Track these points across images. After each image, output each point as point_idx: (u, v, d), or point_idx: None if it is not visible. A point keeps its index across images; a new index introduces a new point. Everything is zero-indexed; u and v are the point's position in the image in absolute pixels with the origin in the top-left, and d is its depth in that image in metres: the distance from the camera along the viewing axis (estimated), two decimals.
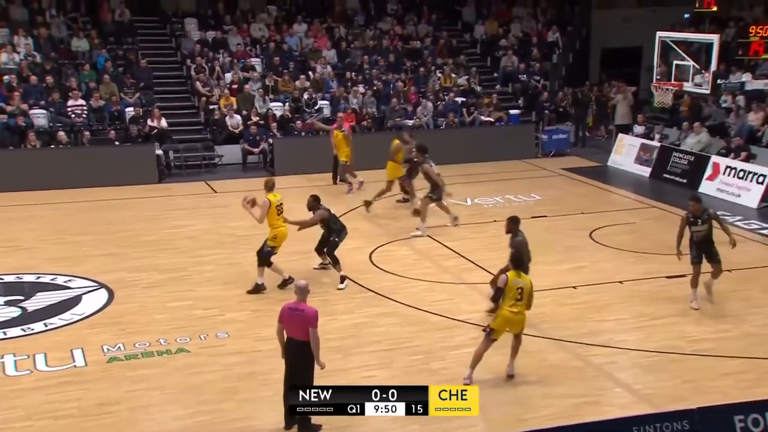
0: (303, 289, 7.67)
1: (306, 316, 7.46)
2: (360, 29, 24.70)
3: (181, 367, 9.10)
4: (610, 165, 20.45)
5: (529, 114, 23.21)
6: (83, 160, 18.18)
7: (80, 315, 10.63)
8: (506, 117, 22.31)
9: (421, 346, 9.63)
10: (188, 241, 13.95)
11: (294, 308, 7.55)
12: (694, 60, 14.56)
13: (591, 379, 8.90)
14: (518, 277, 8.73)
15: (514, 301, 8.63)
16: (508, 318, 8.65)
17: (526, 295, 8.67)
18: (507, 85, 24.37)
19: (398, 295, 11.31)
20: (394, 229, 14.72)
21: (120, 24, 22.73)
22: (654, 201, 16.76)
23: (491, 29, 25.93)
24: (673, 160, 18.76)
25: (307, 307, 7.53)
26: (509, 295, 8.64)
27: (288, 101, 21.36)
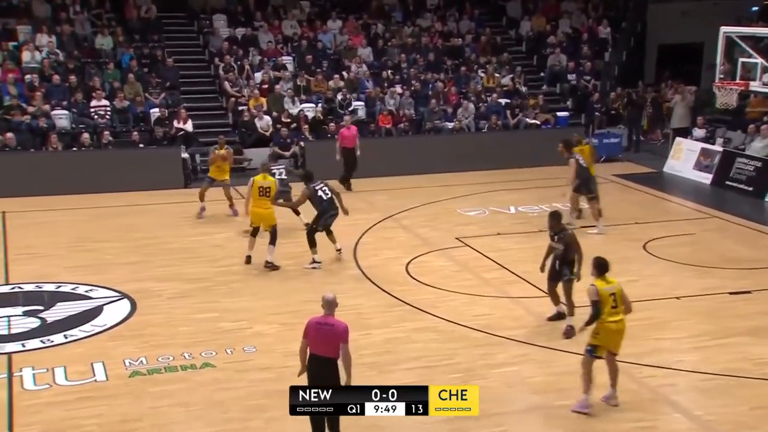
0: (331, 302, 7.50)
1: (336, 330, 7.33)
2: (398, 26, 24.75)
3: (206, 383, 9.16)
4: (666, 171, 20.18)
5: (578, 116, 23.01)
6: (106, 163, 18.46)
7: (101, 326, 10.76)
8: (553, 119, 22.15)
9: (461, 364, 9.57)
10: (214, 249, 14.06)
11: (323, 323, 7.42)
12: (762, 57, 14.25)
13: (646, 402, 8.75)
14: (607, 284, 8.46)
15: (611, 310, 8.34)
16: (612, 330, 8.36)
17: (620, 299, 8.42)
18: (554, 85, 24.20)
19: (437, 309, 11.26)
20: (431, 238, 14.68)
21: (146, 21, 23.07)
22: (715, 210, 16.49)
23: (538, 25, 25.78)
24: (737, 166, 18.46)
25: (337, 321, 7.41)
26: (605, 306, 8.32)
27: (321, 102, 21.46)
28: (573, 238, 10.46)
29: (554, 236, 10.53)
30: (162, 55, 21.95)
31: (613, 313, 8.36)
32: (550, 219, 10.61)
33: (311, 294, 11.83)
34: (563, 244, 10.39)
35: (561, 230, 10.50)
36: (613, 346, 8.50)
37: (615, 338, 8.45)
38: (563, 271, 10.41)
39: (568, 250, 10.35)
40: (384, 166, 19.27)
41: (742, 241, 14.41)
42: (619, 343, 8.50)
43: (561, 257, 10.42)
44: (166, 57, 21.93)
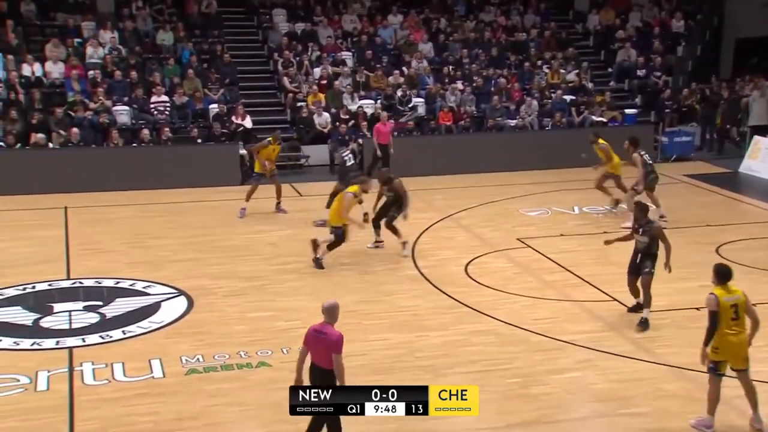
0: (330, 309, 7.33)
1: (329, 340, 7.18)
2: (460, 20, 24.71)
3: (262, 382, 9.30)
4: (742, 171, 19.71)
5: (647, 114, 22.63)
6: (165, 159, 18.87)
7: (159, 323, 11.02)
8: (621, 117, 21.83)
9: (521, 369, 9.53)
10: (270, 247, 14.27)
11: (319, 331, 7.30)
12: None
13: (719, 413, 8.55)
14: (728, 293, 8.06)
15: (731, 321, 7.98)
16: (732, 342, 7.99)
17: (743, 310, 8.02)
18: (623, 81, 23.85)
19: (496, 312, 11.22)
20: (491, 239, 14.62)
21: (206, 16, 23.52)
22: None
23: (607, 19, 25.42)
24: None
25: (332, 331, 7.25)
26: (724, 317, 7.96)
27: (380, 98, 21.56)
28: (659, 231, 10.66)
29: (639, 229, 10.68)
30: (221, 51, 22.34)
31: (733, 325, 7.99)
32: (637, 210, 10.82)
33: (366, 294, 12.00)
34: (648, 237, 10.55)
35: (647, 223, 10.66)
36: (737, 362, 8.08)
37: (737, 351, 8.04)
38: (645, 263, 10.58)
39: (652, 244, 10.54)
40: (443, 164, 19.28)
41: None
42: (742, 357, 8.08)
43: (644, 250, 10.59)
44: (225, 52, 22.31)
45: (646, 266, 10.56)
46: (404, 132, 20.60)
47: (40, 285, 12.39)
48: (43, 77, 20.46)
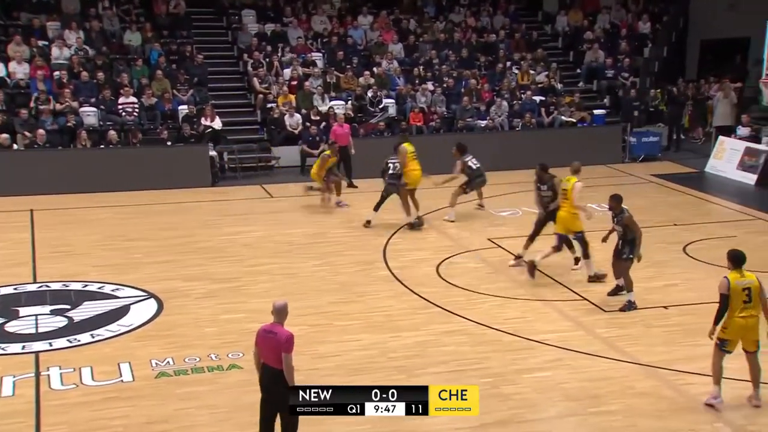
0: (280, 309, 7.34)
1: (278, 339, 7.13)
2: (430, 21, 24.78)
3: (234, 385, 9.25)
4: (708, 171, 19.95)
5: (615, 114, 22.85)
6: (134, 161, 18.69)
7: (128, 326, 10.91)
8: (590, 118, 22.02)
9: (492, 368, 9.56)
10: (242, 248, 14.19)
11: (269, 330, 7.27)
12: None
13: (685, 411, 8.66)
14: (741, 277, 8.42)
15: (742, 304, 8.35)
16: (741, 325, 8.38)
17: (755, 295, 8.38)
18: (591, 82, 24.06)
19: (467, 312, 11.26)
20: (463, 239, 14.68)
21: (174, 16, 23.33)
22: (760, 212, 16.29)
23: (575, 20, 25.66)
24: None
25: (282, 330, 7.22)
26: (736, 300, 8.35)
27: (351, 99, 21.55)
28: (629, 220, 11.18)
29: (614, 218, 11.33)
30: (190, 51, 22.18)
31: (745, 308, 8.36)
32: (611, 201, 11.38)
33: (339, 295, 11.98)
34: (621, 225, 11.21)
35: (620, 213, 11.25)
36: (746, 343, 8.52)
37: (745, 334, 8.45)
38: (624, 249, 11.22)
39: (626, 231, 11.16)
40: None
41: None
42: (751, 340, 8.49)
43: (622, 237, 11.26)
44: (194, 53, 22.16)
45: (624, 252, 11.21)
46: (375, 133, 20.59)
47: (5, 289, 12.21)
48: (7, 78, 20.17)
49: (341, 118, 19.11)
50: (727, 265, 8.67)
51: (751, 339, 8.50)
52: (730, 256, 8.67)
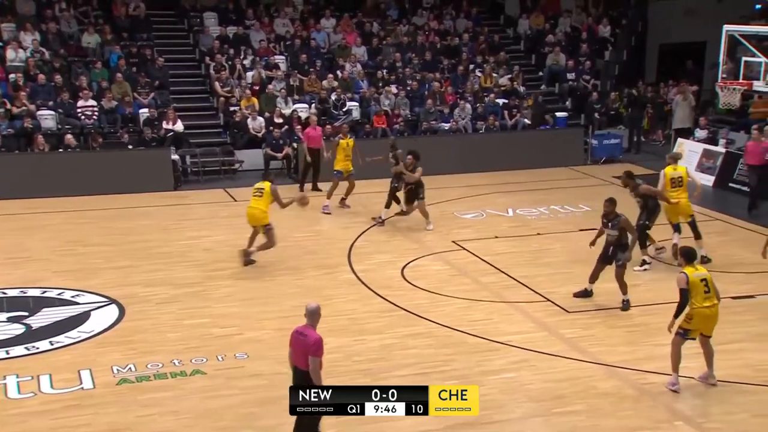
0: (312, 312, 7.46)
1: (307, 342, 7.25)
2: (393, 24, 24.82)
3: (197, 391, 9.16)
4: None
5: (577, 117, 23.09)
6: (94, 165, 18.46)
7: (88, 333, 10.75)
8: (552, 120, 22.21)
9: (457, 370, 9.59)
10: (205, 253, 14.07)
11: (300, 332, 7.39)
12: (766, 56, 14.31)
13: (647, 409, 8.78)
14: (697, 270, 9.00)
15: (704, 295, 8.85)
16: (706, 315, 8.89)
17: (711, 285, 8.93)
18: (553, 85, 24.28)
19: (432, 314, 11.28)
20: (427, 242, 14.71)
21: (134, 18, 23.07)
22: (717, 213, 16.54)
23: (537, 24, 25.88)
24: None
25: (312, 333, 7.32)
26: (697, 292, 8.83)
27: (314, 102, 21.50)
28: (626, 223, 11.22)
29: (609, 223, 11.23)
30: (151, 54, 21.96)
31: (707, 299, 8.87)
32: (608, 204, 11.28)
33: (303, 299, 11.77)
34: (617, 229, 11.13)
35: (615, 217, 11.18)
36: (706, 330, 9.04)
37: (708, 323, 8.97)
38: (617, 255, 11.17)
39: (621, 235, 11.13)
40: (378, 168, 19.24)
41: (745, 244, 14.46)
42: (711, 327, 9.02)
43: (615, 242, 11.18)
44: (155, 56, 21.94)
45: (619, 258, 11.17)
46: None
47: None
48: None
49: (314, 121, 19.03)
50: (680, 261, 9.27)
51: (712, 326, 9.03)
52: (683, 253, 9.27)
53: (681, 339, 9.01)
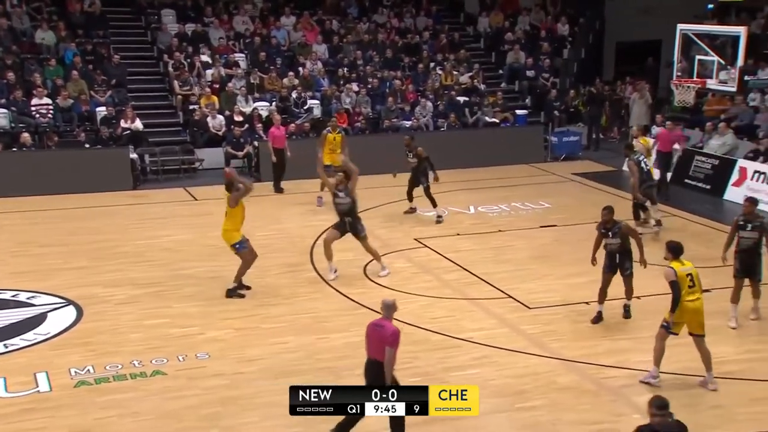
0: (388, 306, 7.78)
1: (383, 333, 7.53)
2: (353, 22, 24.80)
3: (158, 391, 9.06)
4: (625, 169, 20.44)
5: (537, 114, 23.28)
6: (50, 165, 18.15)
7: (45, 335, 10.58)
8: (512, 118, 22.39)
9: (420, 368, 9.60)
10: (165, 252, 13.92)
11: (377, 324, 7.69)
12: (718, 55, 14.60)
13: (607, 403, 8.88)
14: (683, 265, 9.04)
15: (688, 289, 8.94)
16: (689, 308, 8.95)
17: (697, 279, 9.02)
18: (513, 82, 24.46)
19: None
20: (390, 239, 14.71)
21: (90, 15, 22.74)
22: (674, 209, 16.78)
23: (496, 22, 26.05)
24: (695, 165, 18.82)
25: (388, 325, 7.62)
26: (682, 286, 8.91)
27: (275, 100, 21.39)
28: (628, 228, 10.92)
29: (608, 231, 10.77)
30: (108, 52, 21.65)
31: (691, 292, 8.94)
32: (606, 213, 10.79)
33: (266, 298, 11.87)
34: (620, 237, 10.71)
35: (614, 224, 10.77)
36: (693, 326, 9.06)
37: (693, 317, 9.00)
38: (625, 264, 10.81)
39: (624, 242, 10.75)
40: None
41: (701, 239, 14.69)
42: (698, 323, 9.05)
43: (619, 250, 10.77)
44: (112, 53, 21.63)
45: (627, 267, 10.83)
46: (300, 134, 20.48)
47: None
48: None
49: (278, 120, 18.91)
50: (667, 255, 9.18)
51: (698, 321, 9.05)
52: (670, 247, 9.21)
53: (665, 332, 9.07)
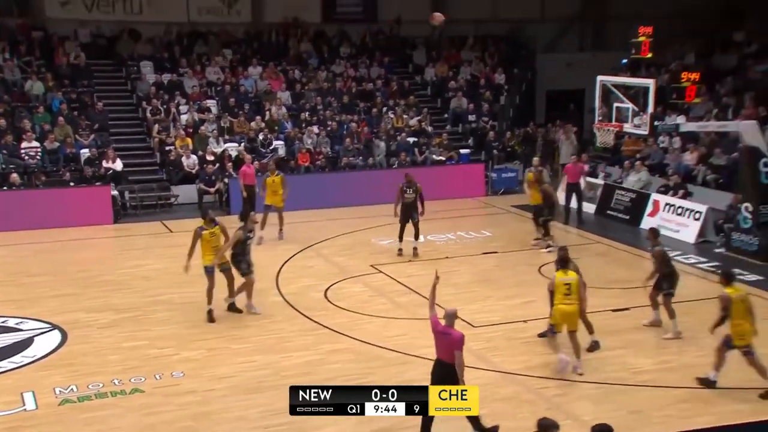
0: (451, 315, 8.15)
1: (452, 339, 7.96)
2: (313, 71, 24.90)
3: (136, 408, 8.90)
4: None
5: (478, 153, 23.54)
6: (37, 202, 17.80)
7: (31, 357, 10.34)
8: (456, 156, 22.62)
9: (377, 382, 9.49)
10: (143, 281, 13.73)
11: (443, 332, 8.08)
12: (632, 102, 14.98)
13: (543, 411, 8.85)
14: (565, 275, 9.83)
15: (563, 296, 9.70)
16: (564, 311, 9.70)
17: (574, 289, 9.71)
18: (457, 125, 24.73)
19: (353, 332, 11.26)
20: (348, 266, 14.71)
21: (75, 67, 22.48)
22: (598, 237, 17.08)
23: (441, 71, 26.38)
24: (616, 197, 19.16)
25: (455, 332, 8.04)
26: (558, 292, 9.72)
27: (243, 141, 21.34)
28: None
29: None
30: (91, 99, 21.43)
31: (566, 297, 9.71)
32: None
33: (235, 321, 11.76)
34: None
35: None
36: (569, 325, 9.81)
37: (567, 318, 9.77)
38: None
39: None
40: (303, 200, 19.26)
41: (621, 263, 14.98)
42: (572, 322, 9.81)
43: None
44: (95, 101, 21.41)
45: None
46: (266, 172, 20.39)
47: None
48: None
49: (248, 159, 18.79)
50: (556, 266, 10.07)
51: (572, 321, 9.80)
52: (558, 259, 10.13)
53: (551, 335, 9.90)
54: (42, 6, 23.37)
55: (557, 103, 27.50)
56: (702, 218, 16.57)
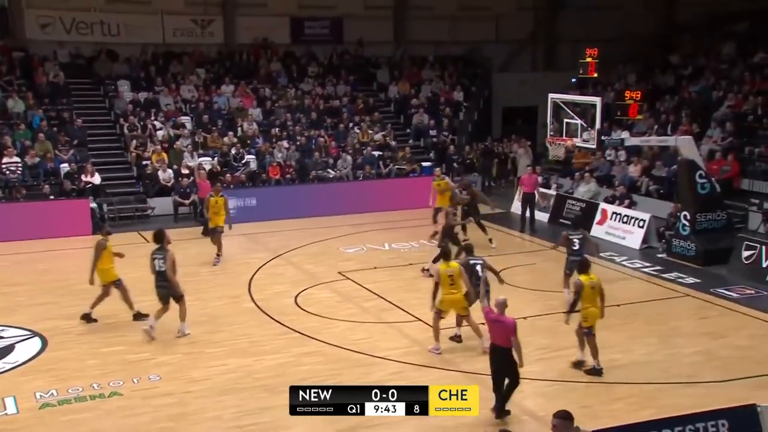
0: (501, 303, 8.55)
1: (507, 326, 8.38)
2: (283, 89, 24.89)
3: (114, 410, 8.79)
4: (512, 211, 21.01)
5: (439, 166, 23.64)
6: (18, 214, 17.50)
7: (12, 363, 10.15)
8: (419, 169, 22.75)
9: (345, 382, 9.55)
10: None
11: (496, 320, 8.50)
12: (581, 119, 15.28)
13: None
14: (448, 267, 10.33)
15: (449, 287, 10.21)
16: (449, 299, 10.29)
17: (456, 278, 10.22)
18: (419, 140, 24.88)
19: (322, 335, 11.25)
20: (317, 273, 14.70)
21: (55, 85, 22.18)
22: (551, 243, 17.22)
23: (403, 89, 26.54)
24: (567, 207, 19.41)
25: (508, 319, 8.46)
26: (444, 283, 10.21)
27: (217, 156, 21.22)
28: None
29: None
30: (70, 117, 21.17)
31: (451, 288, 10.24)
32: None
33: (209, 326, 11.68)
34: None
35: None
36: (460, 310, 10.45)
37: (452, 305, 10.37)
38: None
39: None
40: (274, 211, 19.23)
41: None
42: (460, 308, 10.40)
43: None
44: (74, 118, 21.15)
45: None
46: (239, 184, 20.34)
47: None
48: None
49: (203, 174, 18.70)
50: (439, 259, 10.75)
51: (460, 307, 10.41)
52: (440, 253, 10.86)
53: (436, 316, 10.37)
54: (23, 28, 23.06)
55: (513, 119, 27.85)
56: (646, 226, 16.90)
